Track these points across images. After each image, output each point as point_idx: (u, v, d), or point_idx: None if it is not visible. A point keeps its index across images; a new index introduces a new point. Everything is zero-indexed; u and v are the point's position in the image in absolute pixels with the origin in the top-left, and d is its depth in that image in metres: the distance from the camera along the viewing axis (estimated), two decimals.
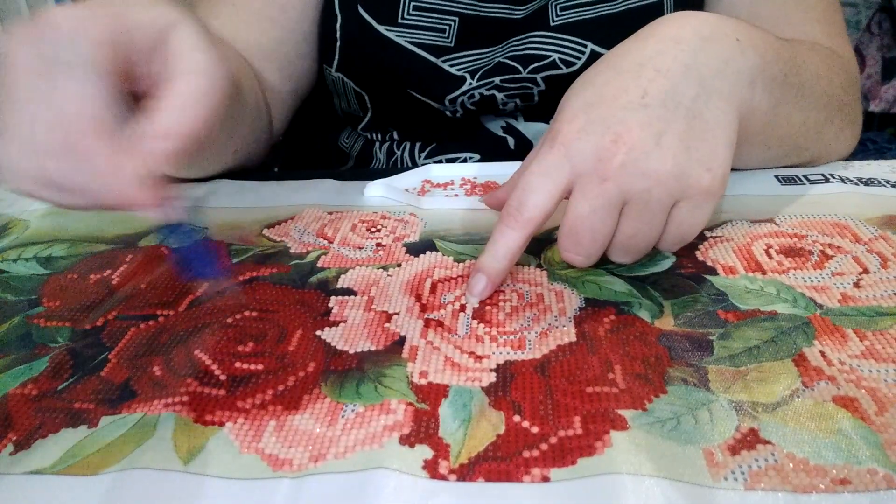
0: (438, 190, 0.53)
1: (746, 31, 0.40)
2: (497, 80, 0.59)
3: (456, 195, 0.52)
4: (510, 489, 0.27)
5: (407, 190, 0.53)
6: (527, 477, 0.28)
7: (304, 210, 0.50)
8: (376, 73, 0.61)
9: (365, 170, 0.68)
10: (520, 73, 0.59)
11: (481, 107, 0.61)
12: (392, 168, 0.66)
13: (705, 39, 0.38)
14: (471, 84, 0.59)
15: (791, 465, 0.27)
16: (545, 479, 0.27)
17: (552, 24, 0.58)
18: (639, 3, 0.58)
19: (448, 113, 0.62)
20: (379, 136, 0.68)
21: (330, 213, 0.50)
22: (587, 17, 0.58)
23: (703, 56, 0.38)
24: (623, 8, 0.58)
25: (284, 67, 0.62)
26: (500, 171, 0.55)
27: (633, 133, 0.35)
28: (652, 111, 0.36)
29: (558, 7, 0.58)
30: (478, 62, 0.59)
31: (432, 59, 0.59)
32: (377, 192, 0.52)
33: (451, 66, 0.59)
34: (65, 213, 0.52)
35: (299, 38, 0.61)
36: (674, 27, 0.39)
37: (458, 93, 0.60)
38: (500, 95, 0.60)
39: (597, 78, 0.38)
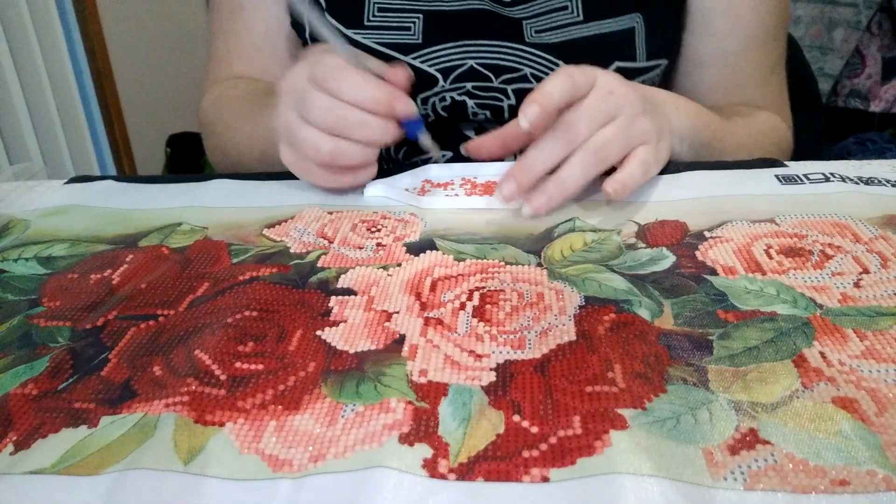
0: (438, 190, 0.53)
1: (685, 103, 0.55)
2: (469, 85, 0.60)
3: (456, 195, 0.52)
4: (510, 489, 0.27)
5: (407, 190, 0.53)
6: (526, 477, 0.28)
7: (304, 210, 0.50)
8: None
9: None
10: (491, 81, 0.60)
11: (452, 112, 0.62)
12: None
13: (650, 102, 0.49)
14: (443, 86, 0.60)
15: (790, 465, 0.27)
16: (545, 479, 0.27)
17: (528, 40, 0.60)
18: (611, 30, 0.59)
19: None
20: None
21: (330, 213, 0.50)
22: (561, 39, 0.59)
23: (649, 109, 0.49)
24: (595, 32, 0.59)
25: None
26: (501, 171, 0.55)
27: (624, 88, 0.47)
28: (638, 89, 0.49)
29: (533, 29, 0.59)
30: (449, 58, 0.60)
31: (402, 57, 0.60)
32: (377, 191, 0.52)
33: (423, 62, 0.60)
34: (65, 213, 0.52)
35: (293, 53, 0.66)
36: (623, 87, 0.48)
37: (429, 93, 0.61)
38: (470, 102, 0.61)
39: None
